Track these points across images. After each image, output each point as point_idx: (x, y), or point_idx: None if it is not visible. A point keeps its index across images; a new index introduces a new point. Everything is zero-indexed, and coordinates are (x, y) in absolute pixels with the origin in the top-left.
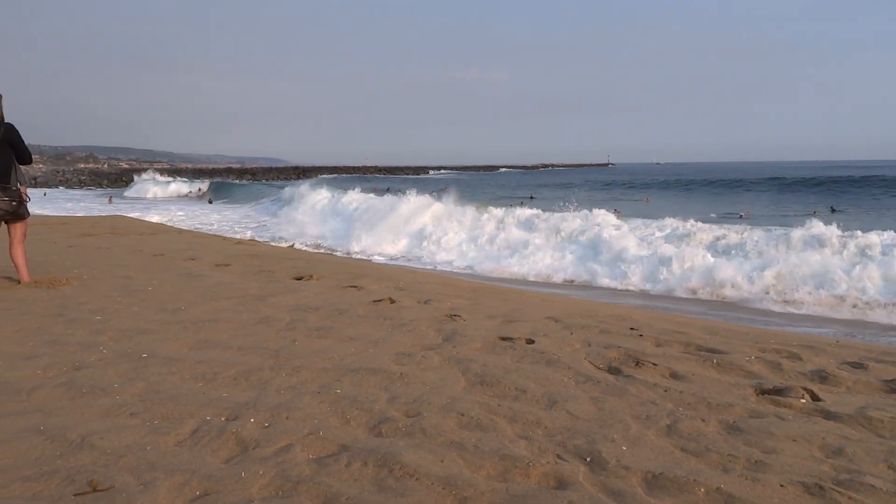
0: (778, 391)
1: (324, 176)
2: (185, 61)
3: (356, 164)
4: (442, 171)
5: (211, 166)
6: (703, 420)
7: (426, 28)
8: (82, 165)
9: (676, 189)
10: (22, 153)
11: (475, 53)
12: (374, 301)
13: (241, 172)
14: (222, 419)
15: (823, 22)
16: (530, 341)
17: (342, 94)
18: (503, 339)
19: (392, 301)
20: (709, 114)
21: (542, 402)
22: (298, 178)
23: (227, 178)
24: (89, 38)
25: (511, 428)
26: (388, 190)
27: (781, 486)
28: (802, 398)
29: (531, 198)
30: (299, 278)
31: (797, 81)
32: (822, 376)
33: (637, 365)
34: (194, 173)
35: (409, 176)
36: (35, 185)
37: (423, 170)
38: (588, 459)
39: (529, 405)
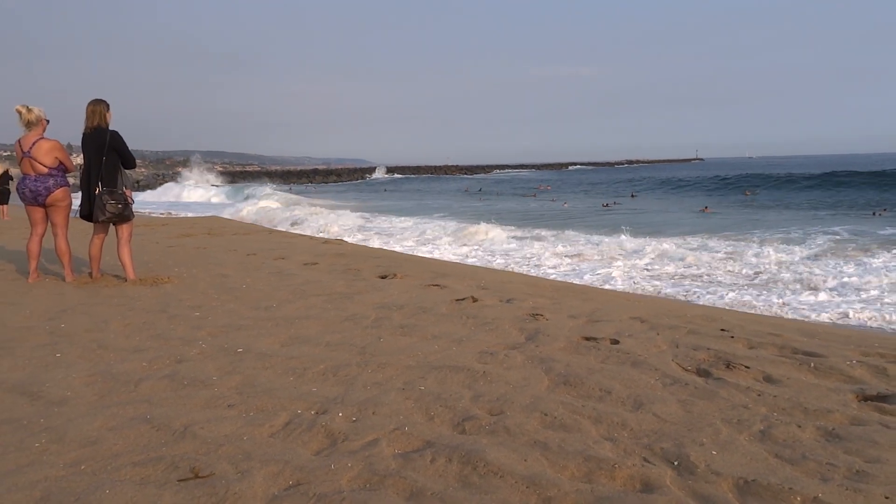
0: (882, 398)
1: (403, 175)
2: (275, 66)
3: (438, 164)
4: (516, 169)
5: (299, 168)
6: (800, 426)
7: (512, 25)
8: (180, 169)
9: (788, 187)
10: (127, 158)
11: (561, 49)
12: (457, 300)
13: (327, 174)
14: (312, 413)
15: None
16: (615, 342)
17: (428, 95)
18: (587, 338)
19: (475, 300)
20: (804, 106)
21: (628, 403)
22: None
23: (321, 180)
24: (183, 47)
25: (596, 429)
26: (480, 190)
27: (886, 497)
28: None
29: (633, 195)
30: (384, 277)
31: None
32: None
33: (728, 367)
34: (283, 175)
35: (478, 175)
36: (138, 189)
37: (501, 167)
38: (676, 463)
39: (614, 406)
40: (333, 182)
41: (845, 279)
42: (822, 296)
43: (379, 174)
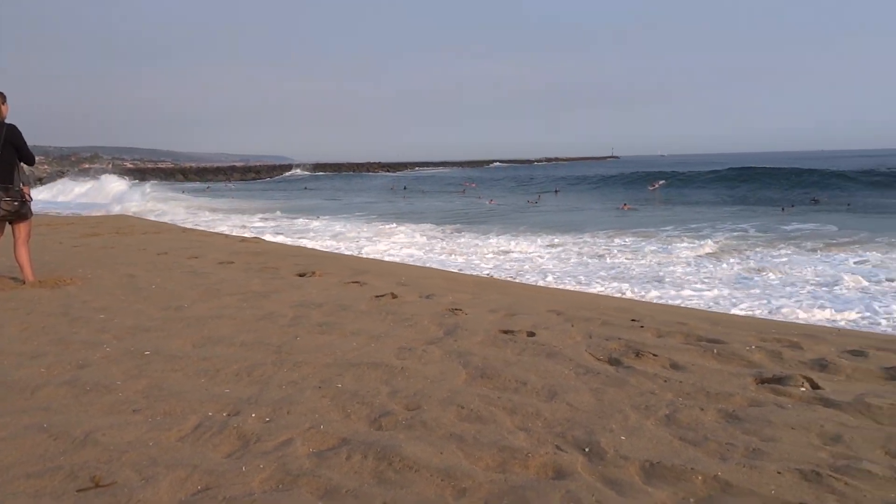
0: (777, 380)
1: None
2: (188, 60)
3: (361, 161)
4: (438, 167)
5: (216, 165)
6: (702, 409)
7: (436, 22)
8: (87, 166)
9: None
10: (25, 154)
11: (482, 46)
12: (377, 296)
13: (246, 171)
14: (224, 414)
15: (827, 11)
16: (531, 334)
17: (350, 92)
18: (504, 332)
19: (394, 296)
20: (714, 106)
21: (543, 394)
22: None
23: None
24: (92, 38)
25: (511, 420)
26: (405, 189)
27: (779, 473)
28: (802, 387)
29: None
30: (302, 275)
31: (803, 71)
32: (822, 365)
33: (637, 356)
34: (199, 172)
35: (392, 173)
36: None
37: (424, 165)
38: (587, 450)
39: (529, 397)
40: (252, 179)
41: (741, 272)
42: (716, 290)
43: (298, 171)
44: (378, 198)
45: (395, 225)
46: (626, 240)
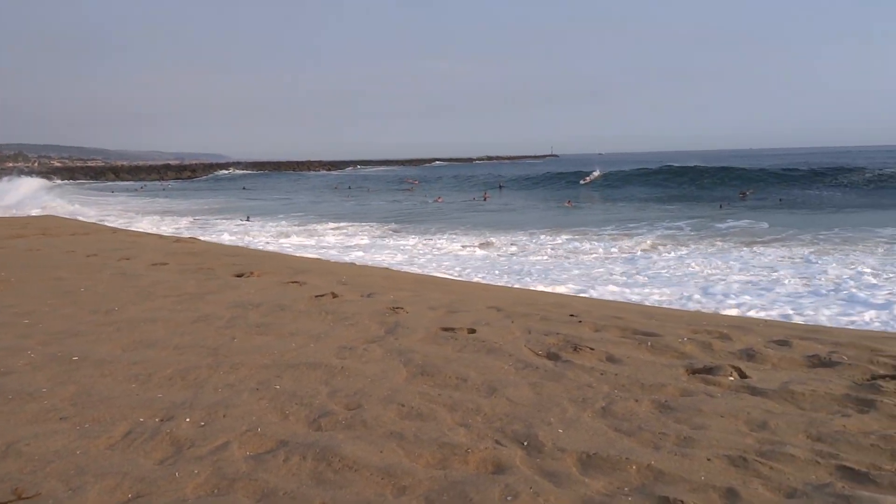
0: (708, 370)
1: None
2: (120, 55)
3: (301, 160)
4: (381, 165)
5: (149, 163)
6: (637, 401)
7: (370, 18)
8: (11, 164)
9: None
10: None
11: (417, 46)
12: (317, 296)
13: (181, 169)
14: (156, 420)
15: (755, 14)
16: (472, 331)
17: (288, 89)
18: (445, 329)
19: (335, 295)
20: (651, 105)
21: (483, 389)
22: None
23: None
24: (17, 32)
25: (451, 416)
26: (349, 188)
27: (708, 459)
28: (731, 376)
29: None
30: (240, 275)
31: (739, 73)
32: (749, 354)
33: (575, 350)
34: (131, 171)
35: (330, 172)
36: None
37: (365, 163)
38: (525, 443)
39: (470, 393)
40: (188, 178)
41: (675, 268)
42: (650, 287)
43: (231, 170)
44: (322, 197)
45: (340, 224)
46: (567, 237)
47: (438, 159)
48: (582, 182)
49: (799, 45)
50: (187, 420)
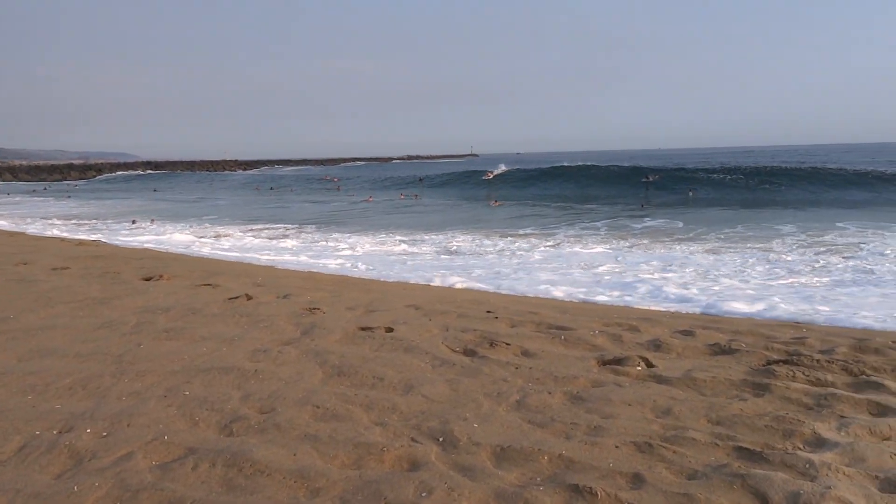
0: (617, 361)
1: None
2: (19, 51)
3: (215, 159)
4: (299, 165)
5: (51, 162)
6: (550, 393)
7: (292, 15)
8: None
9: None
10: None
11: (336, 44)
12: (230, 298)
13: (85, 169)
14: (54, 432)
15: (672, 19)
16: (390, 329)
17: (201, 87)
18: (363, 329)
19: (249, 297)
20: (570, 105)
21: (399, 388)
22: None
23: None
24: None
25: (367, 416)
26: (271, 189)
27: (616, 447)
28: (638, 366)
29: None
30: (148, 279)
31: (653, 74)
32: (656, 345)
33: (491, 346)
34: (31, 171)
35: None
36: None
37: (283, 163)
38: (441, 439)
39: (386, 392)
40: (93, 178)
41: (589, 264)
42: (565, 286)
43: (140, 170)
44: (244, 197)
45: (267, 225)
46: (488, 236)
47: (358, 159)
48: (485, 178)
49: (706, 47)
50: (88, 431)
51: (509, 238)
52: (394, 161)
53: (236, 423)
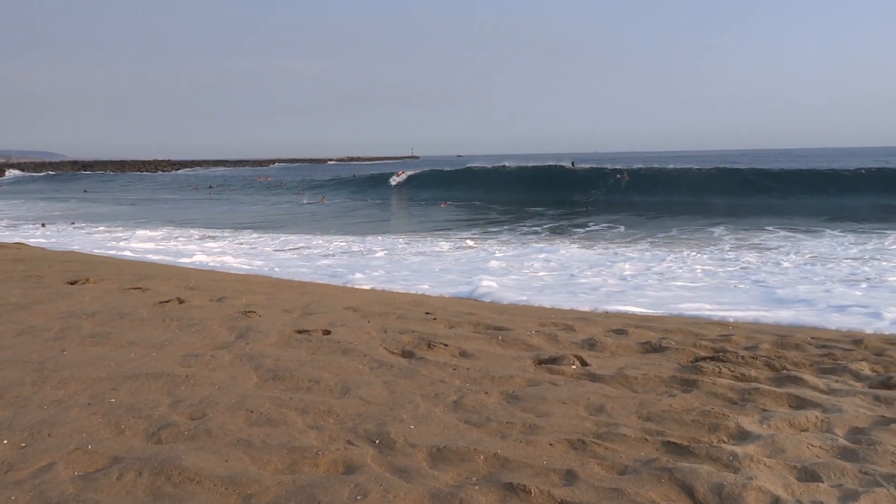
0: (553, 360)
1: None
2: None
3: (147, 159)
4: (234, 165)
5: None
6: (487, 393)
7: (233, 12)
8: None
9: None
10: None
11: (277, 43)
12: (161, 302)
13: (4, 168)
14: None
15: (609, 26)
16: (327, 332)
17: (132, 84)
18: (299, 331)
19: (181, 301)
20: (510, 108)
21: (336, 391)
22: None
23: None
24: None
25: (302, 419)
26: (210, 188)
27: (550, 444)
28: (573, 365)
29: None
30: (74, 282)
31: (587, 78)
32: (591, 344)
33: (429, 347)
34: None
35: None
36: None
37: (217, 163)
38: (377, 441)
39: (322, 395)
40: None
41: (526, 268)
42: (505, 290)
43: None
44: (184, 197)
45: (211, 228)
46: (428, 239)
47: (294, 160)
48: (392, 182)
49: (639, 54)
50: (5, 442)
51: (446, 240)
52: (330, 162)
53: (165, 429)
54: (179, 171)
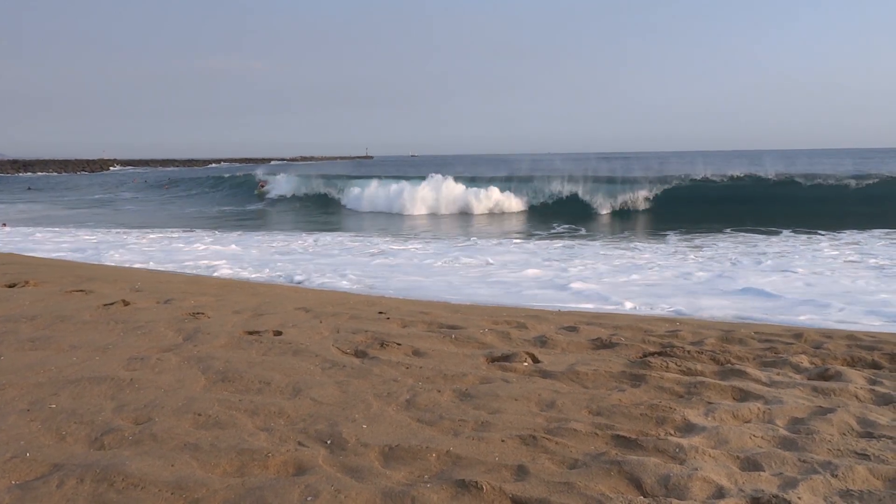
0: (505, 357)
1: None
2: None
3: (92, 158)
4: (183, 165)
5: None
6: (439, 391)
7: (172, 12)
8: None
9: None
10: None
11: (230, 41)
12: (105, 304)
13: None
14: None
15: (565, 29)
16: (278, 333)
17: (72, 83)
18: (250, 333)
19: (126, 303)
20: (464, 110)
21: (287, 391)
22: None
23: None
24: None
25: (252, 421)
26: (166, 184)
27: (502, 441)
28: (525, 362)
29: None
30: (12, 285)
31: (544, 81)
32: (542, 341)
33: (382, 346)
34: None
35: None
36: None
37: (166, 163)
38: (329, 442)
39: (273, 396)
40: None
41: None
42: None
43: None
44: (141, 196)
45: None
46: (376, 239)
47: (241, 160)
48: (258, 188)
49: (586, 58)
50: None
51: (405, 241)
52: (273, 162)
53: (108, 435)
54: (128, 168)
